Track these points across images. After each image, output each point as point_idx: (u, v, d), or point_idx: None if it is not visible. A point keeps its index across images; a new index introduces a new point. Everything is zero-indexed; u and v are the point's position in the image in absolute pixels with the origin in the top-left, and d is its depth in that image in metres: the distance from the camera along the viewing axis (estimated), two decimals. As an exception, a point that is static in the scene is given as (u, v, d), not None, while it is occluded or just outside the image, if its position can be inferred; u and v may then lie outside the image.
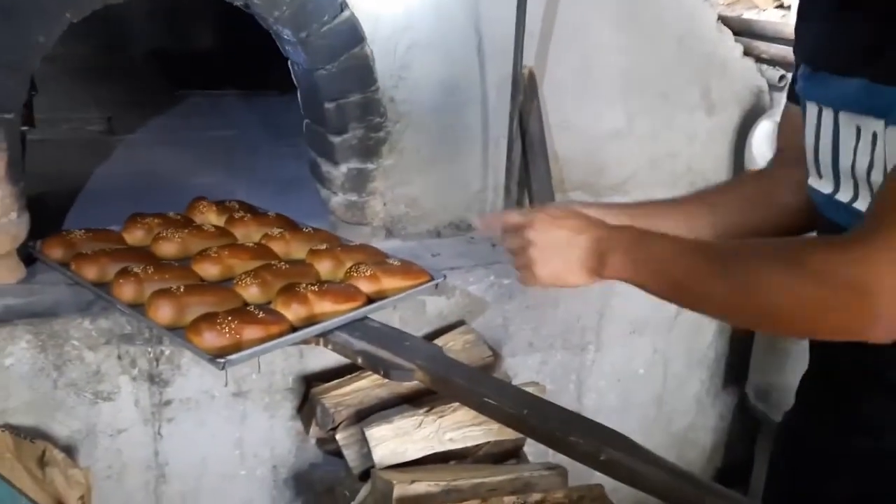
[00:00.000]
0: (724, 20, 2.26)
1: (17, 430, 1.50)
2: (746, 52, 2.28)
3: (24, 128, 2.32)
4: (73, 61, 3.77)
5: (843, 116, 0.89)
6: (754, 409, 2.24)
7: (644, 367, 2.24)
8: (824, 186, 0.95)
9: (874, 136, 0.84)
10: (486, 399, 1.30)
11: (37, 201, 1.90)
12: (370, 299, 1.58)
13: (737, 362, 2.36)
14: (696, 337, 2.30)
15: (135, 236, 1.78)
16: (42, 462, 1.46)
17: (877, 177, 0.85)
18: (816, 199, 0.97)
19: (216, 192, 2.06)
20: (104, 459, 1.62)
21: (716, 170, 2.31)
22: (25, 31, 1.53)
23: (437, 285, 1.70)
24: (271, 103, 3.68)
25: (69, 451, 1.55)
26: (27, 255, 1.69)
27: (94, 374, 1.57)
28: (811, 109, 0.95)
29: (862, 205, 0.88)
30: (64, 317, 1.53)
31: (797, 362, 2.07)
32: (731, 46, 2.27)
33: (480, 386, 1.36)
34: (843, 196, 0.91)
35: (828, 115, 0.92)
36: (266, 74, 2.95)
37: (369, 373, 1.71)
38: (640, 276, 0.91)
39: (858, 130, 0.86)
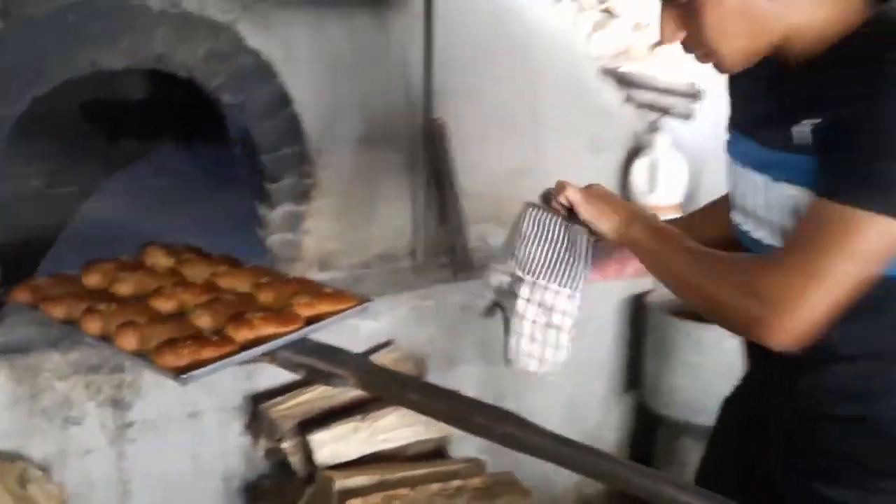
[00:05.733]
0: (606, 71, 2.63)
1: (-3, 454, 1.69)
2: (627, 100, 2.66)
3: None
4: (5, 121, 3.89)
5: (740, 170, 1.10)
6: (650, 408, 2.57)
7: (553, 375, 2.53)
8: (740, 222, 1.15)
9: (763, 186, 1.05)
10: (407, 395, 1.55)
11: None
12: (308, 322, 1.83)
13: (633, 367, 2.69)
14: (597, 346, 2.62)
15: (93, 280, 1.98)
16: (22, 480, 1.65)
17: (767, 214, 1.04)
18: (734, 231, 1.18)
19: (159, 238, 2.25)
20: (74, 478, 1.81)
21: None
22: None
23: (365, 309, 1.96)
24: (203, 152, 3.88)
25: (44, 471, 1.74)
26: (-7, 302, 1.89)
27: (64, 402, 1.77)
28: (728, 162, 1.17)
29: (761, 236, 1.07)
30: (37, 351, 1.74)
31: (680, 366, 2.43)
32: (614, 94, 2.64)
33: (404, 385, 1.61)
34: (750, 230, 1.11)
35: (736, 168, 1.13)
36: (197, 124, 3.15)
37: (310, 388, 1.97)
38: (649, 246, 1.10)
39: (754, 182, 1.07)
